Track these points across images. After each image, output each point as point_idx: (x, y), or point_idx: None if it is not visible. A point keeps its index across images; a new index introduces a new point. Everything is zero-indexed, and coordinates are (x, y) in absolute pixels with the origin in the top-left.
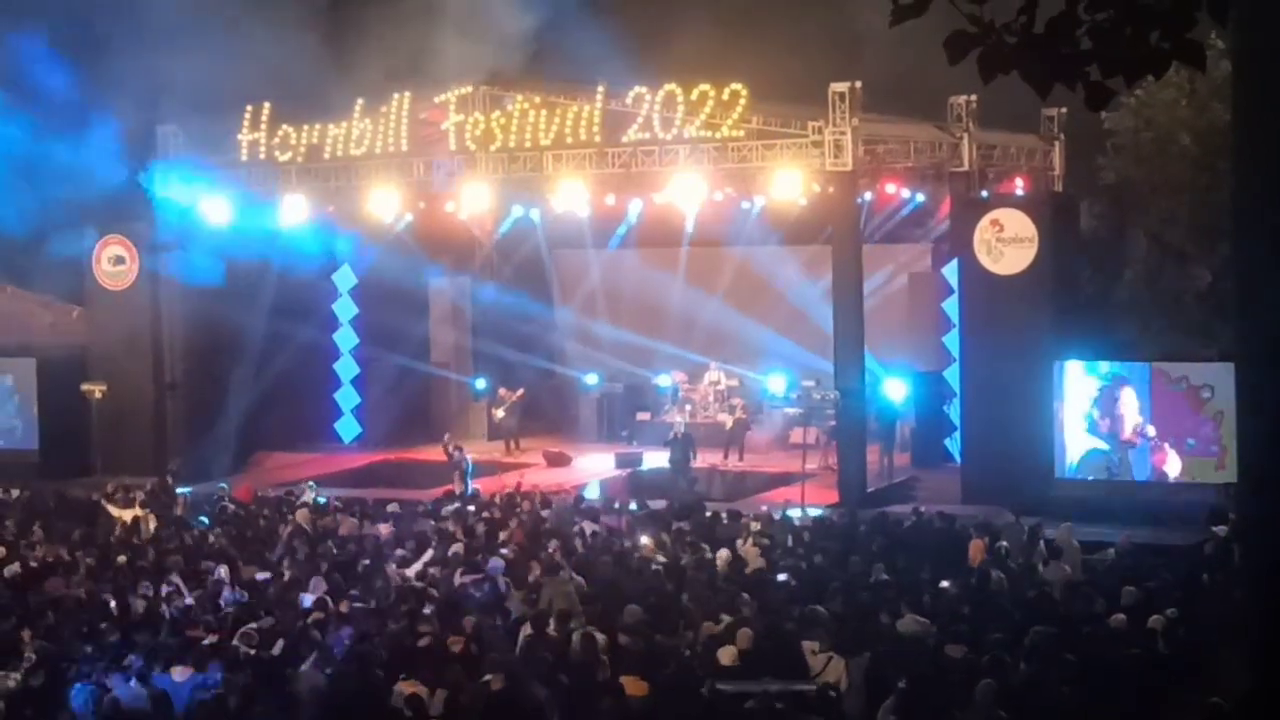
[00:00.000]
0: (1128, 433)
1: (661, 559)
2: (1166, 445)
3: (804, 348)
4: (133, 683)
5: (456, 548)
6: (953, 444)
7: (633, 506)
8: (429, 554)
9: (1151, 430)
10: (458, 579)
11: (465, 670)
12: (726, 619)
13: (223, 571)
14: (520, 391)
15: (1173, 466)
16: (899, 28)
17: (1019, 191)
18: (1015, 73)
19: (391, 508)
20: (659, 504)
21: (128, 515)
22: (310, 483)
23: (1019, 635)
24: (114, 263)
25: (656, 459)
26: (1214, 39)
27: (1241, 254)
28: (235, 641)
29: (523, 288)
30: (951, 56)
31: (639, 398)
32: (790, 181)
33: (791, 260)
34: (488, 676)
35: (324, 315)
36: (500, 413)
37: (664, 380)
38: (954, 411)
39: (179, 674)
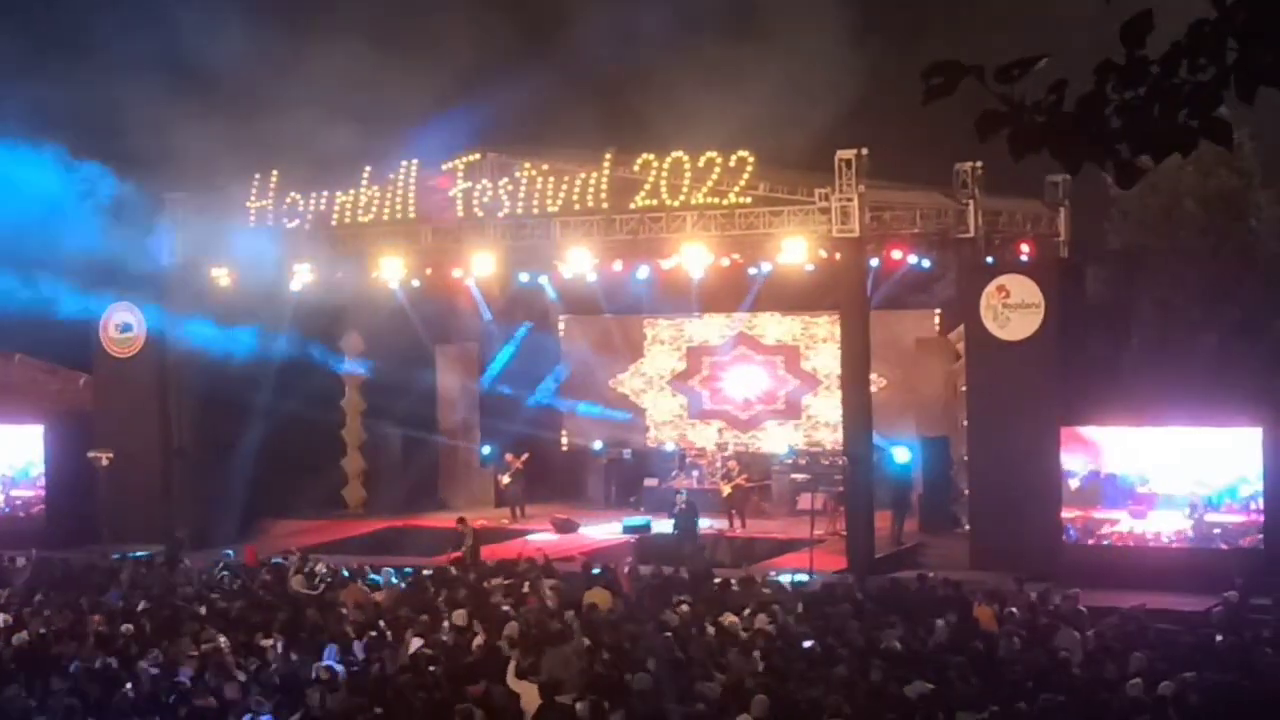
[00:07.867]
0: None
1: (671, 625)
2: (1187, 511)
3: (812, 413)
4: None
5: (463, 615)
6: (961, 509)
7: (641, 573)
8: (436, 620)
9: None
10: (466, 646)
11: None
12: (738, 686)
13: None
14: (525, 456)
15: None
16: (909, 97)
17: (1025, 257)
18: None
19: (390, 572)
20: (667, 570)
21: None
22: (296, 551)
23: (1030, 703)
24: (121, 330)
25: (664, 525)
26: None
27: None
28: None
29: (530, 353)
30: (982, 135)
31: (646, 464)
32: (797, 248)
33: (800, 325)
34: None
35: (331, 381)
36: (506, 479)
37: (671, 446)
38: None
39: None
